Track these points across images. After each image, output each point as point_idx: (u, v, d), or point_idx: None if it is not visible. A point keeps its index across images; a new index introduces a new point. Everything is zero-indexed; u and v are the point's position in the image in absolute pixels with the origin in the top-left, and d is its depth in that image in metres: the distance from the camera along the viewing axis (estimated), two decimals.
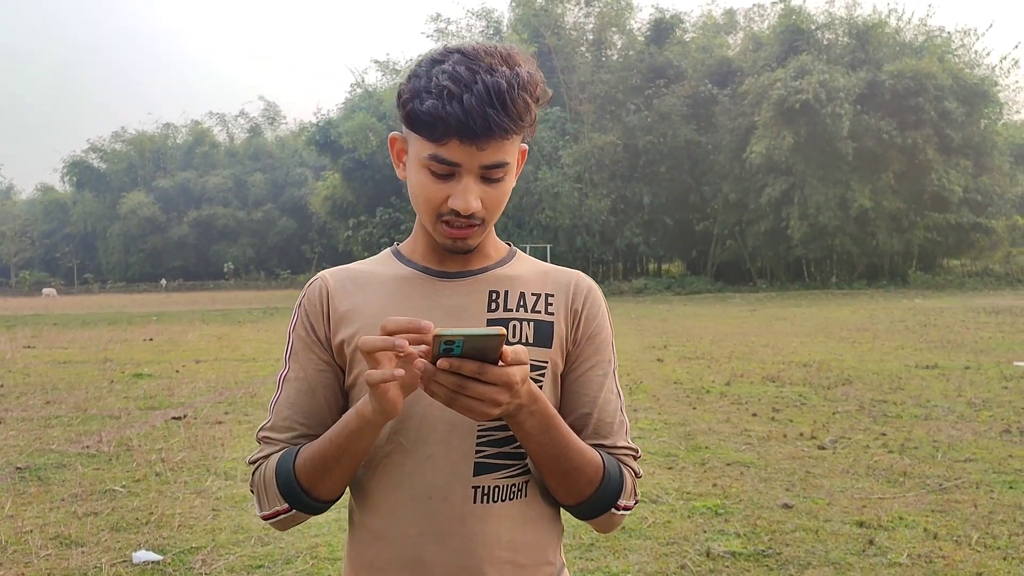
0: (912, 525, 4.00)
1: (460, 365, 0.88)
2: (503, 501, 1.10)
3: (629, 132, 36.23)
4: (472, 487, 1.08)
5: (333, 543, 3.87)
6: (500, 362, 0.90)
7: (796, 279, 36.45)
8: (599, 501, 1.10)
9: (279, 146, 64.19)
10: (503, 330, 0.87)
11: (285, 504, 1.09)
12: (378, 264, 1.20)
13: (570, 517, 1.17)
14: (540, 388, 1.10)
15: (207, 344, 14.56)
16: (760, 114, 32.77)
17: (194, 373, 10.32)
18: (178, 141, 66.84)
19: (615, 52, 41.17)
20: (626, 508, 1.14)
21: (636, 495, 1.17)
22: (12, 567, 3.64)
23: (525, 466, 1.12)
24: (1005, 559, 3.56)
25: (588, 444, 1.11)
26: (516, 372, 0.91)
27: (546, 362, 1.13)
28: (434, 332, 0.88)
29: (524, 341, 1.12)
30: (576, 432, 1.10)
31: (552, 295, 1.17)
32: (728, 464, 5.26)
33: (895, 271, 35.92)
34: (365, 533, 1.13)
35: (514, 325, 1.12)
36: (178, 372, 10.44)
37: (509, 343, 1.02)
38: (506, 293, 1.14)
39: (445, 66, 1.01)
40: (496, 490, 1.09)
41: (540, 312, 1.14)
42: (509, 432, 1.08)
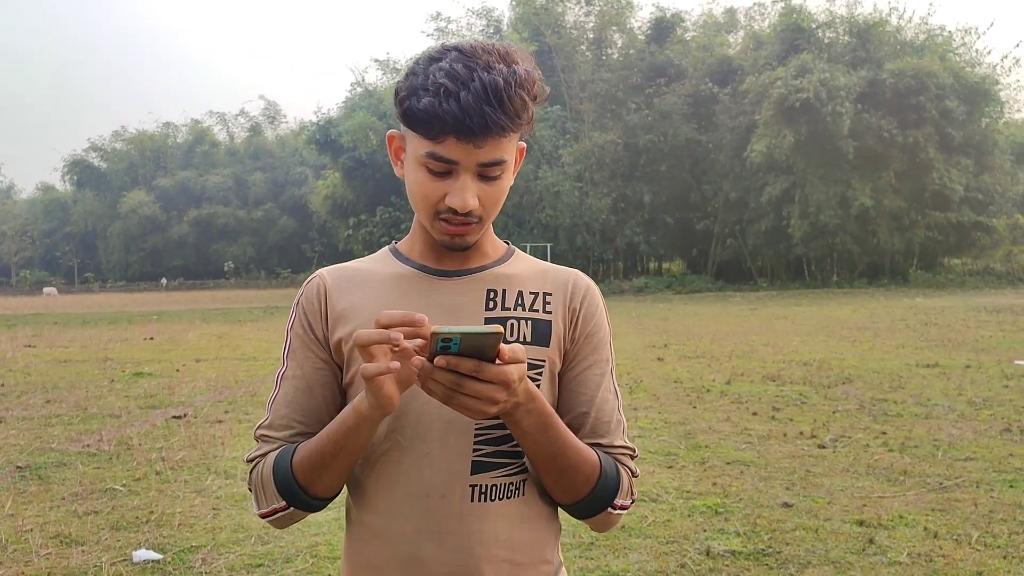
0: (912, 524, 4.00)
1: (457, 363, 0.88)
2: (500, 499, 1.10)
3: (630, 131, 36.17)
4: (469, 485, 1.08)
5: (333, 542, 3.87)
6: (497, 360, 0.90)
7: (797, 278, 36.39)
8: (596, 500, 1.10)
9: (279, 145, 64.09)
10: (500, 328, 0.87)
11: (283, 502, 1.09)
12: (376, 262, 1.20)
13: (569, 516, 1.16)
14: (537, 387, 1.10)
15: (207, 343, 14.56)
16: (761, 113, 32.70)
17: (194, 372, 10.32)
18: (178, 140, 66.76)
19: (615, 51, 41.10)
20: (623, 507, 1.14)
21: (633, 494, 1.17)
22: (12, 566, 3.65)
23: (523, 465, 1.12)
24: (1005, 558, 3.56)
25: (585, 443, 1.11)
26: (513, 370, 0.91)
27: (543, 361, 1.12)
28: (432, 330, 0.88)
29: (522, 340, 1.12)
30: (573, 431, 1.10)
31: (550, 294, 1.16)
32: (728, 463, 5.26)
33: (896, 270, 35.87)
34: (362, 531, 1.13)
35: (512, 323, 1.12)
36: (178, 371, 10.45)
37: (507, 341, 1.02)
38: (504, 292, 1.14)
39: (442, 64, 1.00)
40: (493, 488, 1.09)
41: (538, 311, 1.14)
42: (507, 431, 1.07)
